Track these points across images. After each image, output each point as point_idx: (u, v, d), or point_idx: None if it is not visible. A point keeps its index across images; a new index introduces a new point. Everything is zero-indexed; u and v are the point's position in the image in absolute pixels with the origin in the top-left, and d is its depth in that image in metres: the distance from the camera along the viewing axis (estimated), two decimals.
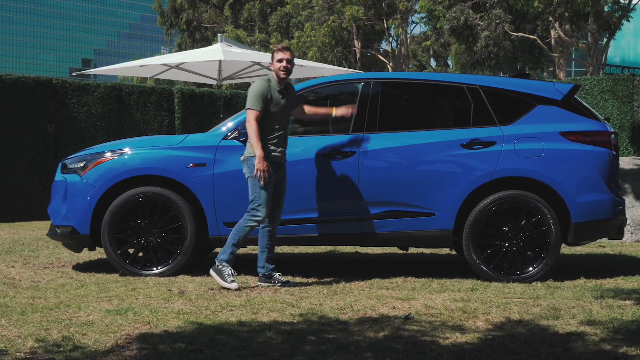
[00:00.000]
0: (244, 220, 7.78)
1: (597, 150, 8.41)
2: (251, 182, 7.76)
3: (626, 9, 29.96)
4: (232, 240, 7.79)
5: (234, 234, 7.80)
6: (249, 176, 7.77)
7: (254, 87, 7.84)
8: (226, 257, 7.75)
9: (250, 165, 7.73)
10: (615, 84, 18.81)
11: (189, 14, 57.09)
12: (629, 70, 41.57)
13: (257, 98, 7.74)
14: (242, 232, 7.77)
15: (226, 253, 7.77)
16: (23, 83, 16.66)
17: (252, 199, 7.76)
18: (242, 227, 7.77)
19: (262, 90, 7.78)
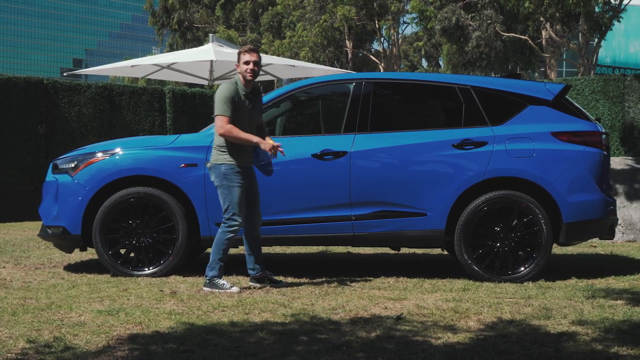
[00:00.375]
0: (221, 233, 7.65)
1: (588, 150, 8.43)
2: (221, 190, 7.62)
3: (617, 9, 30.02)
4: (215, 255, 7.65)
5: (216, 249, 7.66)
6: (218, 184, 7.62)
7: (220, 91, 7.63)
8: (215, 273, 7.63)
9: (218, 173, 7.60)
10: (606, 84, 18.86)
11: (180, 13, 57.02)
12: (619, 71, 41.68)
13: (225, 102, 7.57)
14: (222, 245, 7.64)
15: (214, 269, 7.63)
16: (14, 83, 16.62)
17: (225, 209, 7.62)
18: (221, 241, 7.64)
19: (229, 94, 7.59)
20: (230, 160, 7.60)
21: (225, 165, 7.59)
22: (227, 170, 7.59)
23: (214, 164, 7.67)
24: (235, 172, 7.60)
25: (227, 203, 7.61)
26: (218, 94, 7.63)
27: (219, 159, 7.64)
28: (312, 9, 44.82)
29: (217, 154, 7.66)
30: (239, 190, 7.61)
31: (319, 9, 44.32)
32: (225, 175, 7.59)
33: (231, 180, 7.59)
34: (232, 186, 7.59)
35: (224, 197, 7.62)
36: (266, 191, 8.28)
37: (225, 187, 7.60)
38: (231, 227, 7.62)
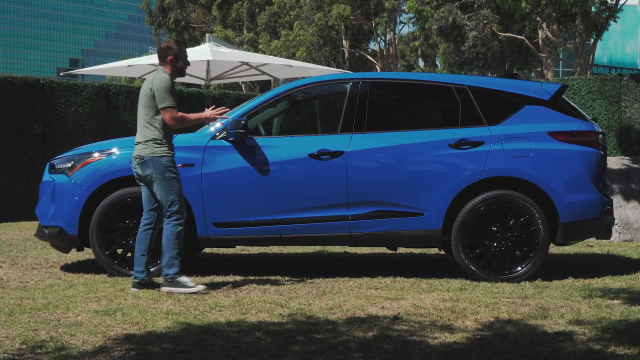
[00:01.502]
0: (170, 228, 7.49)
1: (584, 149, 8.44)
2: (160, 183, 7.48)
3: (613, 9, 30.04)
4: (169, 253, 7.48)
5: (169, 247, 7.48)
6: (160, 177, 7.48)
7: (161, 82, 7.52)
8: (177, 270, 7.47)
9: (159, 166, 7.46)
10: (603, 84, 18.88)
11: (176, 13, 57.00)
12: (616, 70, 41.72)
13: (170, 93, 7.52)
14: (175, 240, 7.48)
15: (174, 266, 7.47)
16: (10, 83, 16.59)
17: (170, 202, 7.48)
18: (173, 236, 7.48)
19: (170, 83, 7.56)
20: (169, 153, 7.55)
21: (166, 158, 7.50)
22: (169, 162, 7.51)
23: (152, 157, 7.49)
24: (174, 164, 7.57)
25: (172, 196, 7.48)
26: (159, 84, 7.51)
27: (156, 152, 7.50)
28: (309, 8, 44.81)
29: (154, 147, 7.52)
30: (179, 182, 7.58)
31: (315, 8, 44.32)
32: (167, 167, 7.48)
33: (173, 172, 7.52)
34: (174, 178, 7.52)
35: (167, 190, 7.48)
36: (263, 191, 8.29)
37: (168, 180, 7.47)
38: (179, 220, 7.51)
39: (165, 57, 7.73)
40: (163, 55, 7.75)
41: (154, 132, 7.59)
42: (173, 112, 7.52)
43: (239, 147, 8.35)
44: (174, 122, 7.53)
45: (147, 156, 7.54)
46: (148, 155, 7.53)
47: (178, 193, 7.53)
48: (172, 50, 7.72)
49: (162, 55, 7.76)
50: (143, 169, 7.56)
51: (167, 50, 7.74)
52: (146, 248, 7.65)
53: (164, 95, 7.52)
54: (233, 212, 8.35)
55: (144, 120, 7.65)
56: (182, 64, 7.78)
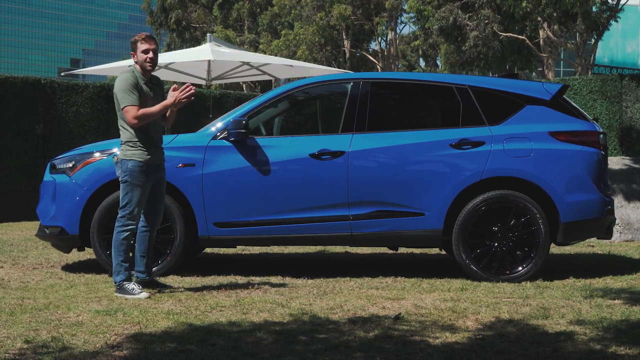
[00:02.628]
0: (117, 234, 7.35)
1: (585, 149, 8.44)
2: (124, 186, 7.30)
3: (614, 9, 30.04)
4: (117, 259, 7.35)
5: (116, 254, 7.36)
6: (122, 180, 7.33)
7: (120, 82, 7.26)
8: (123, 277, 7.33)
9: (125, 169, 7.30)
10: (604, 83, 18.88)
11: (177, 13, 57.01)
12: (617, 70, 41.72)
13: (130, 92, 7.21)
14: (121, 246, 7.34)
15: (121, 273, 7.34)
16: (11, 83, 16.60)
17: (123, 205, 7.32)
18: (118, 242, 7.34)
19: (130, 82, 7.27)
20: (139, 158, 7.31)
21: (132, 162, 7.30)
22: (134, 168, 7.29)
23: (121, 159, 7.34)
24: (141, 171, 7.31)
25: (127, 200, 7.32)
26: (119, 85, 7.28)
27: (127, 155, 7.31)
28: (310, 8, 44.82)
29: (126, 149, 7.33)
30: (141, 190, 7.33)
31: (316, 7, 44.32)
32: (131, 172, 7.29)
33: (136, 178, 7.30)
34: (136, 185, 7.30)
35: (124, 194, 7.34)
36: (264, 191, 8.29)
37: (128, 185, 7.30)
38: (127, 227, 7.35)
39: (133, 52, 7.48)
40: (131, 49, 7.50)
41: (125, 134, 7.36)
42: (132, 110, 7.20)
43: (239, 147, 8.35)
44: (137, 120, 7.21)
45: (119, 157, 7.39)
46: (120, 157, 7.38)
47: (134, 200, 7.30)
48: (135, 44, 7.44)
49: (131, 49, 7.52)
50: (116, 169, 7.45)
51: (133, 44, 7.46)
52: (145, 249, 7.61)
53: (121, 95, 7.26)
54: (234, 212, 8.35)
55: (119, 123, 7.43)
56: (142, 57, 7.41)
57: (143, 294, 7.24)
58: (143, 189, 7.34)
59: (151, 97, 7.41)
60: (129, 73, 7.35)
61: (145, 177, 7.34)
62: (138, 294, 7.22)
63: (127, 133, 7.35)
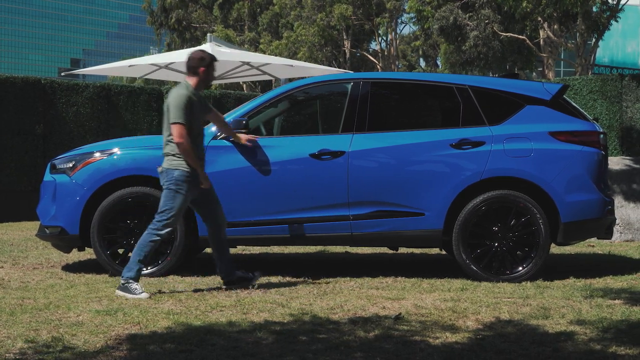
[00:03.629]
0: (148, 235, 7.42)
1: (585, 149, 8.44)
2: (166, 193, 7.41)
3: (614, 9, 30.05)
4: (137, 257, 7.41)
5: (138, 251, 7.42)
6: (166, 187, 7.41)
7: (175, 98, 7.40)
8: (133, 275, 7.36)
9: (170, 178, 7.39)
10: (604, 84, 18.87)
11: (178, 13, 57.01)
12: (617, 70, 41.70)
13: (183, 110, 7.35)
14: (146, 247, 7.40)
15: (132, 270, 7.38)
16: (11, 83, 16.60)
17: (162, 211, 7.41)
18: (145, 242, 7.41)
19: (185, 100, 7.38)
20: (186, 168, 7.39)
21: (179, 172, 7.38)
22: (180, 177, 7.37)
23: (167, 169, 7.44)
24: (186, 180, 7.40)
25: (167, 207, 7.39)
26: (173, 101, 7.39)
27: (172, 164, 7.40)
28: (310, 9, 44.83)
29: (172, 159, 7.42)
30: (183, 199, 7.41)
31: (316, 8, 44.33)
32: (177, 181, 7.37)
33: (181, 187, 7.38)
34: (179, 193, 7.39)
35: (165, 200, 7.41)
36: (264, 191, 8.29)
37: (172, 192, 7.38)
38: (160, 231, 7.40)
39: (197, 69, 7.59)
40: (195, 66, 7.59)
41: (171, 146, 7.45)
42: (180, 128, 7.33)
43: (240, 147, 8.35)
44: (181, 140, 7.32)
45: (164, 167, 7.50)
46: (165, 167, 7.49)
47: (175, 209, 7.39)
48: (204, 62, 7.59)
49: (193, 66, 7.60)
50: (161, 178, 7.54)
51: (200, 61, 7.58)
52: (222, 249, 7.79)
53: (174, 111, 7.37)
54: (234, 212, 8.35)
55: (166, 135, 7.52)
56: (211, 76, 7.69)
57: (144, 294, 7.25)
58: (185, 198, 7.44)
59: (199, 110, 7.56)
60: (184, 89, 7.47)
61: (188, 186, 7.42)
62: (139, 293, 7.24)
63: (171, 145, 7.44)
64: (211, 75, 7.68)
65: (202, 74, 7.58)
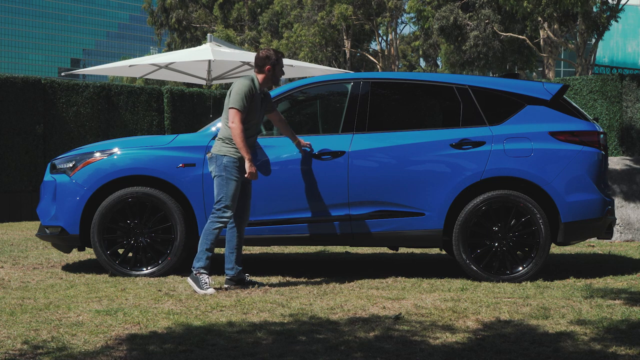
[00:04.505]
0: (211, 223, 7.65)
1: (585, 149, 8.44)
2: (219, 181, 7.64)
3: (614, 9, 30.06)
4: (203, 246, 7.64)
5: (204, 240, 7.65)
6: (217, 174, 7.65)
7: (238, 86, 7.68)
8: (202, 264, 7.59)
9: (220, 164, 7.63)
10: (604, 83, 18.88)
11: (178, 13, 57.04)
12: (617, 70, 41.73)
13: (243, 98, 7.63)
14: (211, 235, 7.63)
15: (201, 260, 7.61)
16: (11, 83, 16.60)
17: (218, 199, 7.64)
18: (210, 231, 7.63)
19: (247, 89, 7.66)
20: (234, 154, 7.63)
21: (227, 158, 7.62)
22: (229, 163, 7.62)
23: (215, 154, 7.68)
24: (236, 166, 7.63)
25: (222, 194, 7.62)
26: (235, 87, 7.67)
27: (221, 150, 7.66)
28: (310, 8, 44.83)
29: (221, 145, 7.69)
30: (236, 185, 7.64)
31: (317, 7, 44.33)
32: (225, 167, 7.61)
33: (231, 173, 7.61)
34: (230, 179, 7.62)
35: (219, 188, 7.63)
36: (264, 191, 8.29)
37: (223, 179, 7.61)
38: (221, 218, 7.63)
39: (263, 67, 7.85)
40: (261, 64, 7.85)
41: (225, 130, 7.73)
42: (237, 115, 7.58)
43: None
44: (234, 125, 7.57)
45: (213, 153, 7.72)
46: (214, 152, 7.71)
47: (230, 195, 7.62)
48: (271, 60, 7.84)
49: (260, 64, 7.86)
50: (209, 164, 7.78)
51: (266, 59, 7.85)
52: (234, 246, 7.84)
53: (235, 96, 7.63)
54: None
55: (222, 119, 7.82)
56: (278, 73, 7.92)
57: (210, 290, 7.47)
58: (237, 183, 7.65)
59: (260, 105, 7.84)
60: (249, 80, 7.74)
61: (238, 172, 7.66)
62: (205, 289, 7.47)
63: (226, 130, 7.71)
64: (278, 73, 7.92)
65: (267, 71, 7.85)
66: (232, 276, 7.82)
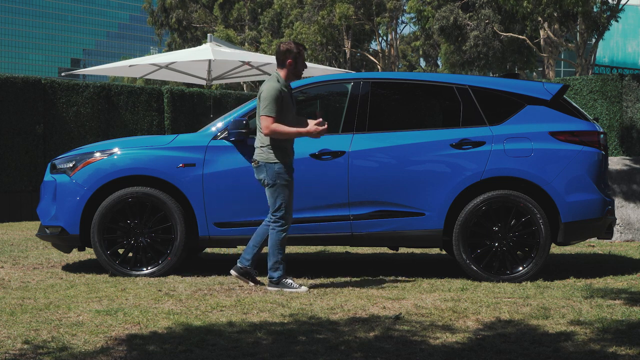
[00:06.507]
0: (276, 234, 7.63)
1: (586, 149, 8.44)
2: (274, 189, 7.58)
3: (614, 9, 30.06)
4: (276, 257, 7.64)
5: (274, 251, 7.64)
6: (271, 183, 7.57)
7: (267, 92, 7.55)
8: (281, 273, 7.66)
9: (272, 172, 7.55)
10: (604, 83, 18.88)
11: (178, 13, 57.05)
12: (617, 70, 41.73)
13: (273, 102, 7.52)
14: (279, 244, 7.65)
15: (279, 270, 7.65)
16: (11, 83, 16.60)
17: (277, 207, 7.60)
18: (277, 241, 7.64)
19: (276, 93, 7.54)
20: (284, 159, 7.59)
21: (279, 165, 7.56)
22: (281, 170, 7.57)
23: (265, 162, 7.59)
24: (287, 171, 7.62)
25: (280, 201, 7.59)
26: (265, 93, 7.54)
27: (270, 158, 7.58)
28: (311, 8, 44.84)
29: (269, 153, 7.59)
30: (289, 189, 7.65)
31: (317, 7, 44.34)
32: (279, 174, 7.56)
33: (285, 179, 7.59)
34: (285, 185, 7.60)
35: (276, 196, 7.59)
36: (264, 191, 8.28)
37: (279, 186, 7.57)
38: (284, 226, 7.65)
39: (284, 61, 7.75)
40: (282, 58, 7.75)
41: (265, 138, 7.61)
42: (268, 120, 7.50)
43: (240, 147, 8.35)
44: (268, 131, 7.50)
45: (261, 161, 7.62)
46: (262, 161, 7.62)
47: (286, 200, 7.61)
48: (292, 54, 7.74)
49: (280, 58, 7.77)
50: (257, 173, 7.69)
51: (287, 53, 7.74)
52: (259, 242, 7.83)
53: (265, 103, 7.53)
54: (234, 212, 8.35)
55: (258, 126, 7.66)
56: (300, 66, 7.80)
57: (303, 288, 7.59)
58: (290, 187, 7.66)
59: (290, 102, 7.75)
60: (276, 82, 7.63)
61: (289, 176, 7.65)
62: (297, 287, 7.58)
63: (266, 137, 7.61)
64: (300, 66, 7.80)
65: (289, 65, 7.75)
66: (244, 266, 7.81)
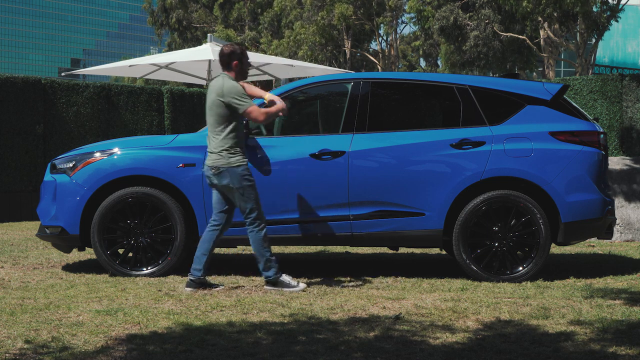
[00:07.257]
0: (254, 235, 7.62)
1: (586, 149, 8.44)
2: (241, 192, 7.57)
3: (614, 9, 30.06)
4: (263, 257, 7.63)
5: (260, 253, 7.63)
6: (238, 186, 7.55)
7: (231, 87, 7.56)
8: (275, 270, 7.65)
9: (236, 175, 7.54)
10: (604, 83, 18.88)
11: (178, 13, 57.05)
12: (617, 70, 41.74)
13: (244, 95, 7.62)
14: (262, 243, 7.63)
15: (271, 268, 7.64)
16: (11, 83, 16.60)
17: (249, 210, 7.59)
18: (259, 241, 7.62)
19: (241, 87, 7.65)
20: (243, 161, 7.61)
21: (241, 167, 7.58)
22: (245, 171, 7.59)
23: (228, 167, 7.56)
24: (249, 172, 7.65)
25: (252, 204, 7.61)
26: (231, 90, 7.55)
27: (232, 162, 7.56)
28: (310, 8, 44.84)
29: (229, 157, 7.57)
30: (255, 188, 7.67)
31: (317, 7, 44.34)
32: (243, 176, 7.57)
33: (249, 180, 7.61)
34: (252, 185, 7.62)
35: (246, 198, 7.59)
36: (264, 191, 8.28)
37: (246, 188, 7.58)
38: (261, 225, 7.65)
39: (229, 63, 7.78)
40: (227, 60, 7.78)
41: (226, 141, 7.60)
42: (256, 109, 7.61)
43: None
44: (264, 116, 7.65)
45: (222, 167, 7.59)
46: (224, 166, 7.58)
47: (255, 199, 7.63)
48: (236, 55, 7.77)
49: (226, 60, 7.79)
50: (220, 179, 7.62)
51: (232, 55, 7.77)
52: (209, 248, 7.70)
53: (239, 99, 7.57)
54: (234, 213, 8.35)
55: (216, 131, 7.64)
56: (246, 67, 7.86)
57: (301, 285, 7.61)
58: (255, 186, 7.68)
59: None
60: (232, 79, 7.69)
61: (251, 175, 7.69)
62: (295, 285, 7.61)
63: (227, 140, 7.61)
64: (246, 65, 7.85)
65: (236, 67, 7.78)
66: (197, 277, 7.65)
